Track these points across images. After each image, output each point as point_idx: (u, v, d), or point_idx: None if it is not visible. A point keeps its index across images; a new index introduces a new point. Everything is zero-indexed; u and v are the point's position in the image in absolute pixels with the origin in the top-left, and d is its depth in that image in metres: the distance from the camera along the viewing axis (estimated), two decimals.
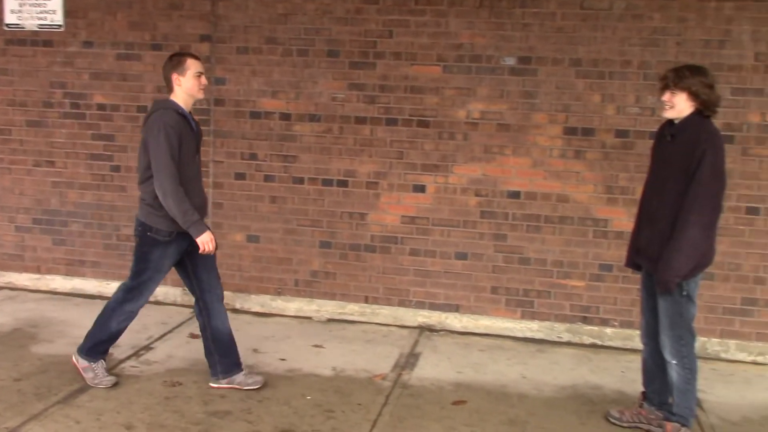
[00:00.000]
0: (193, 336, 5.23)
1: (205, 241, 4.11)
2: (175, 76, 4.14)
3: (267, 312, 5.91)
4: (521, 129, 5.44)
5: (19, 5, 6.01)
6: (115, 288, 4.44)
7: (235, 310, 5.88)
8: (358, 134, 5.67)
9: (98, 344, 4.39)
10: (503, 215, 5.53)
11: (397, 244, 5.71)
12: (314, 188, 5.77)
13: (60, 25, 5.98)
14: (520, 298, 5.59)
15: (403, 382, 4.66)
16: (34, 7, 5.99)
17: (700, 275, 3.78)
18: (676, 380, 3.83)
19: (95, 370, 4.37)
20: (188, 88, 4.15)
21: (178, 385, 4.47)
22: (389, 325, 5.72)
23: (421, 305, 5.74)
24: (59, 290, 6.22)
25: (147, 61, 5.91)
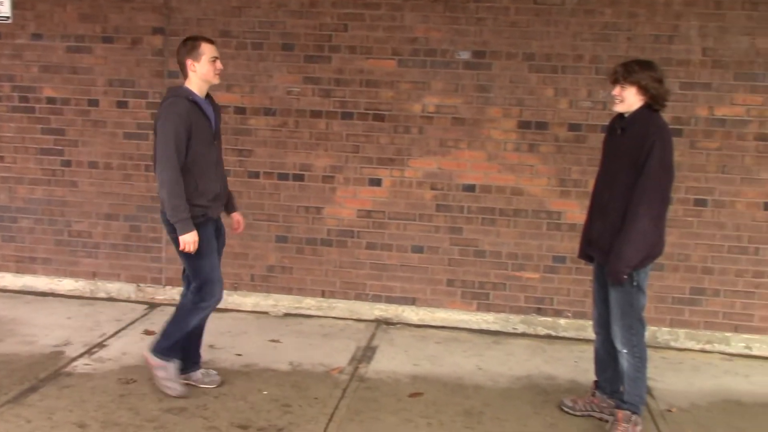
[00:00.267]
0: (148, 332, 5.17)
1: (187, 241, 3.97)
2: (189, 62, 4.01)
3: (223, 307, 5.81)
4: (476, 123, 5.49)
5: None
6: (67, 285, 4.36)
7: None
8: (313, 128, 5.65)
9: (176, 344, 4.22)
10: (459, 208, 5.57)
11: (354, 237, 5.72)
12: (270, 182, 5.74)
13: (8, 17, 5.84)
14: (476, 290, 5.64)
15: (360, 376, 4.68)
16: None
17: (649, 266, 3.85)
18: (627, 369, 3.90)
19: (167, 370, 4.21)
20: (203, 74, 4.02)
21: (133, 382, 4.41)
22: (346, 319, 5.73)
23: (377, 299, 5.75)
24: (9, 288, 6.09)
25: (98, 54, 5.81)
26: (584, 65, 5.32)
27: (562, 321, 5.56)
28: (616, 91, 3.83)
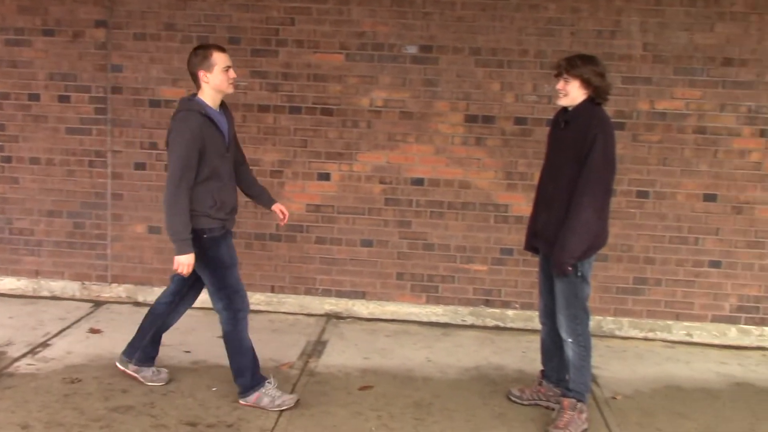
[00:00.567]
0: (93, 331, 5.09)
1: (182, 263, 3.86)
2: (202, 73, 3.86)
3: None
4: (423, 117, 5.52)
5: None
6: (8, 283, 4.26)
7: (138, 303, 5.75)
8: (261, 122, 5.61)
9: (250, 369, 4.12)
10: (407, 202, 5.60)
11: (303, 232, 5.71)
12: None
13: None
14: (425, 283, 5.68)
15: (311, 370, 4.68)
16: None
17: (593, 257, 3.92)
18: (572, 358, 3.98)
19: (267, 394, 4.10)
20: (216, 85, 3.89)
21: (78, 381, 4.34)
22: (296, 314, 5.72)
23: (327, 293, 5.75)
24: None
25: (38, 47, 5.67)
26: (529, 60, 5.40)
27: (510, 312, 5.64)
28: (560, 85, 3.88)
